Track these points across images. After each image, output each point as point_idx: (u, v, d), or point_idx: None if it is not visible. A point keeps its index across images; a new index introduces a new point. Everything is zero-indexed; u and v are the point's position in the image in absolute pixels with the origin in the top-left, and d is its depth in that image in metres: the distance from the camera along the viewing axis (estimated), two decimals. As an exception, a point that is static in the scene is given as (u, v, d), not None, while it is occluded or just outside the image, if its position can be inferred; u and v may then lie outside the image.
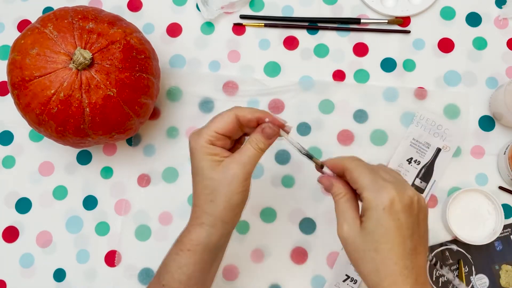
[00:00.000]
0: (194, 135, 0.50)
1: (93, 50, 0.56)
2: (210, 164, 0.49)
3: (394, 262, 0.43)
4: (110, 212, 0.68)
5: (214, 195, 0.48)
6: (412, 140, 0.68)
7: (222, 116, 0.50)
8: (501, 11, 0.72)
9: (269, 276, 0.66)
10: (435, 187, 0.67)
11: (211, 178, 0.48)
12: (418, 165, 0.67)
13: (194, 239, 0.49)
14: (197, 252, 0.49)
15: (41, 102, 0.55)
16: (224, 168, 0.48)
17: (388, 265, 0.44)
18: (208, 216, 0.49)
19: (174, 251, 0.51)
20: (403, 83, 0.70)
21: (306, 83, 0.71)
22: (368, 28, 0.72)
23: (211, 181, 0.48)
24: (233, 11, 0.73)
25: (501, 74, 0.70)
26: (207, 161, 0.49)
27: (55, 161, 0.70)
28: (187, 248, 0.50)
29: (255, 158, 0.49)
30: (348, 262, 0.65)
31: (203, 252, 0.49)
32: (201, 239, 0.49)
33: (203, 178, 0.49)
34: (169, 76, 0.72)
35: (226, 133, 0.50)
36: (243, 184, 0.48)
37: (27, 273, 0.67)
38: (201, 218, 0.49)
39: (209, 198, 0.48)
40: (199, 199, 0.49)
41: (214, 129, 0.49)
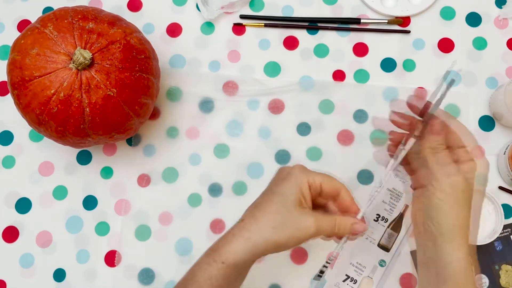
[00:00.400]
0: (303, 169, 0.51)
1: (93, 50, 0.56)
2: (296, 201, 0.49)
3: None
4: (110, 212, 0.68)
5: (280, 227, 0.48)
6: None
7: (333, 181, 0.52)
8: (501, 11, 0.72)
9: (269, 276, 0.66)
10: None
11: (289, 213, 0.48)
12: None
13: (233, 251, 0.48)
14: (230, 266, 0.48)
15: (41, 102, 0.55)
16: (303, 216, 0.49)
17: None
18: (259, 237, 0.48)
19: (206, 261, 0.49)
20: (403, 83, 0.70)
21: (306, 83, 0.71)
22: (368, 28, 0.72)
23: (287, 215, 0.48)
24: (233, 11, 0.73)
25: (501, 74, 0.70)
26: (296, 197, 0.49)
27: (55, 161, 0.70)
28: (222, 260, 0.48)
29: (329, 232, 0.50)
30: (349, 262, 0.65)
31: (236, 267, 0.48)
32: (240, 253, 0.48)
33: (282, 207, 0.48)
34: (169, 76, 0.72)
35: (329, 195, 0.52)
36: (304, 240, 0.49)
37: (27, 273, 0.67)
38: (251, 233, 0.48)
39: (273, 224, 0.48)
40: (262, 217, 0.48)
41: (322, 184, 0.51)
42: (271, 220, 0.48)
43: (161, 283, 0.66)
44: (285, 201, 0.49)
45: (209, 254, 0.49)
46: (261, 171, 0.68)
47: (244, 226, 0.48)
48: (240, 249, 0.47)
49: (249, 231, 0.48)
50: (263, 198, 0.50)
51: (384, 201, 0.66)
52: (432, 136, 0.47)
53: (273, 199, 0.49)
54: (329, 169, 0.67)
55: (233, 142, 0.70)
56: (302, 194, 0.50)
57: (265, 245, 0.48)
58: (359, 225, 0.51)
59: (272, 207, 0.49)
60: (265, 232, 0.48)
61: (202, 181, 0.69)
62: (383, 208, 0.66)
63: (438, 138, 0.47)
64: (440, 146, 0.47)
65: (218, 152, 0.69)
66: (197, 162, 0.69)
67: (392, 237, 0.65)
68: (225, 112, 0.70)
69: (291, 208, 0.49)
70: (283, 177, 0.51)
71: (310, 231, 0.49)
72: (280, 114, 0.70)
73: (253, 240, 0.47)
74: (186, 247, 0.67)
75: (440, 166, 0.47)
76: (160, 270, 0.66)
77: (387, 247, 0.65)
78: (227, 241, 0.48)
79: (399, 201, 0.66)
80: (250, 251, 0.48)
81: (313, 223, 0.49)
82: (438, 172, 0.46)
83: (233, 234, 0.48)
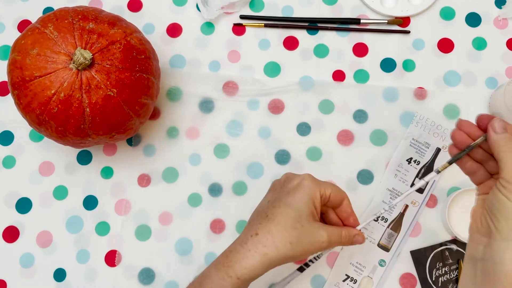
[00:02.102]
0: (313, 179, 0.52)
1: (93, 50, 0.56)
2: (310, 215, 0.50)
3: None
4: (110, 212, 0.68)
5: (296, 242, 0.49)
6: (412, 140, 0.68)
7: (339, 190, 0.53)
8: (501, 11, 0.72)
9: (269, 276, 0.66)
10: (435, 187, 0.67)
11: (304, 227, 0.49)
12: (418, 165, 0.67)
13: (249, 268, 0.48)
14: (245, 281, 0.48)
15: (41, 102, 0.55)
16: (317, 230, 0.50)
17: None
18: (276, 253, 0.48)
19: (220, 276, 0.48)
20: (403, 83, 0.70)
21: (306, 83, 0.71)
22: (368, 28, 0.72)
23: (303, 230, 0.49)
24: (233, 11, 0.73)
25: (500, 74, 0.70)
26: (310, 210, 0.50)
27: (55, 161, 0.70)
28: (237, 276, 0.48)
29: (336, 245, 0.52)
30: (348, 261, 0.65)
31: (249, 281, 0.48)
32: (256, 270, 0.48)
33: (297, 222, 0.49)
34: (169, 76, 0.72)
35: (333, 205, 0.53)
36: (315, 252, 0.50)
37: (27, 273, 0.67)
38: (267, 248, 0.48)
39: (290, 240, 0.48)
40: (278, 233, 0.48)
41: (331, 194, 0.52)
42: (288, 236, 0.48)
43: (161, 283, 0.66)
44: (300, 215, 0.50)
45: (222, 269, 0.49)
46: (261, 171, 0.68)
47: (260, 241, 0.49)
48: (256, 266, 0.48)
49: (266, 247, 0.48)
50: (276, 211, 0.50)
51: (384, 201, 0.66)
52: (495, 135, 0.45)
53: (287, 212, 0.50)
54: (329, 169, 0.68)
55: (233, 142, 0.70)
56: (314, 206, 0.51)
57: (280, 259, 0.49)
58: (360, 236, 0.54)
59: (288, 221, 0.49)
60: (282, 248, 0.48)
61: (202, 181, 0.69)
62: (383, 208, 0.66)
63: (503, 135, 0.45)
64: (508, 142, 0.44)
65: (218, 152, 0.69)
66: (197, 162, 0.69)
67: (392, 237, 0.65)
68: (225, 112, 0.70)
69: (306, 222, 0.50)
70: (294, 188, 0.51)
71: (324, 245, 0.50)
72: (280, 114, 0.70)
73: (270, 256, 0.48)
74: (186, 247, 0.67)
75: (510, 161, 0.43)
76: (160, 270, 0.67)
77: (387, 247, 0.65)
78: (243, 257, 0.48)
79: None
80: (266, 266, 0.48)
81: (326, 237, 0.50)
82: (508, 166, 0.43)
83: (249, 250, 0.48)
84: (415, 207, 0.66)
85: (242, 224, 0.67)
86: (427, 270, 0.64)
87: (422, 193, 0.66)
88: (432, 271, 0.64)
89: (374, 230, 0.66)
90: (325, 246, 0.50)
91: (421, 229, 0.66)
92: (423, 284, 0.64)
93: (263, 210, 0.52)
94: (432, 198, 0.67)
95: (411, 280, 0.65)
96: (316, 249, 0.50)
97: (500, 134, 0.45)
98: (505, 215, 0.43)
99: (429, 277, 0.64)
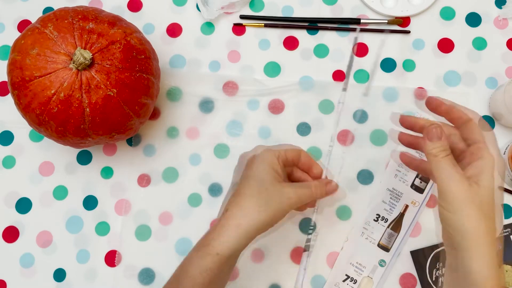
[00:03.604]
0: (266, 147, 0.54)
1: (93, 50, 0.56)
2: (272, 178, 0.52)
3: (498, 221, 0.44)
4: (110, 212, 0.68)
5: (264, 205, 0.50)
6: None
7: (293, 147, 0.56)
8: (501, 11, 0.72)
9: (269, 276, 0.66)
10: (435, 187, 0.67)
11: (269, 191, 0.51)
12: None
13: (226, 241, 0.49)
14: (224, 256, 0.49)
15: (41, 102, 0.55)
16: (282, 188, 0.52)
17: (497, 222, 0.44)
18: (248, 220, 0.49)
19: (199, 255, 0.49)
20: (403, 83, 0.70)
21: (306, 83, 0.71)
22: (368, 28, 0.72)
23: (268, 193, 0.51)
24: (233, 11, 0.73)
25: (500, 74, 0.70)
26: (271, 175, 0.52)
27: (55, 161, 0.70)
28: (216, 251, 0.48)
29: (308, 198, 0.54)
30: (348, 262, 0.65)
31: (230, 256, 0.49)
32: (233, 242, 0.49)
33: (261, 187, 0.51)
34: (169, 76, 0.72)
35: (293, 162, 0.55)
36: (288, 211, 0.52)
37: (27, 273, 0.67)
38: (239, 219, 0.49)
39: (257, 205, 0.50)
40: (246, 202, 0.50)
41: (286, 153, 0.55)
42: (255, 202, 0.50)
43: (161, 283, 0.66)
44: (262, 182, 0.51)
45: (200, 249, 0.50)
46: (261, 171, 0.68)
47: (231, 215, 0.50)
48: (232, 237, 0.49)
49: (237, 218, 0.50)
50: (240, 186, 0.52)
51: (384, 201, 0.66)
52: (430, 143, 0.46)
53: (250, 183, 0.52)
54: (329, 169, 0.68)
55: (233, 142, 0.70)
56: (274, 169, 0.53)
57: (255, 227, 0.50)
58: (332, 184, 0.56)
59: (253, 191, 0.51)
60: (253, 215, 0.50)
61: (202, 181, 0.69)
62: (383, 208, 0.66)
63: (438, 144, 0.45)
64: (442, 152, 0.45)
65: (218, 152, 0.69)
66: (197, 162, 0.69)
67: (392, 237, 0.65)
68: (225, 112, 0.70)
69: (269, 185, 0.51)
70: (251, 161, 0.54)
71: (292, 201, 0.52)
72: (280, 114, 0.70)
73: (244, 226, 0.49)
74: (186, 247, 0.67)
75: (443, 175, 0.44)
76: (160, 270, 0.67)
77: (387, 247, 0.65)
78: (218, 233, 0.49)
79: (399, 201, 0.66)
80: (242, 237, 0.49)
81: (293, 193, 0.52)
82: (441, 182, 0.44)
83: (222, 225, 0.50)
84: (415, 207, 0.66)
85: (242, 224, 0.67)
86: (427, 270, 0.64)
87: (422, 193, 0.66)
88: (432, 271, 0.64)
89: (374, 230, 0.66)
90: (295, 200, 0.52)
91: (421, 229, 0.66)
92: (423, 284, 0.64)
93: (230, 190, 0.55)
94: (432, 198, 0.67)
95: (411, 280, 0.65)
96: (287, 206, 0.51)
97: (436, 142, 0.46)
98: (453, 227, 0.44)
99: (429, 277, 0.64)
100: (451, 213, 0.44)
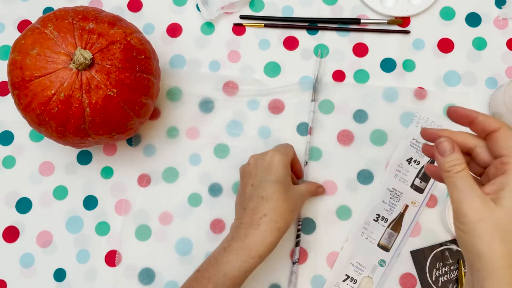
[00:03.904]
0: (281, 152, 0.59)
1: (93, 50, 0.56)
2: (289, 180, 0.59)
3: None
4: (110, 212, 0.68)
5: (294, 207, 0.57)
6: (412, 140, 0.68)
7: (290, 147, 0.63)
8: (501, 11, 0.72)
9: (269, 276, 0.66)
10: (435, 187, 0.67)
11: (292, 194, 0.58)
12: (418, 165, 0.67)
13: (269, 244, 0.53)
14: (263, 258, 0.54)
15: (41, 102, 0.55)
16: (298, 188, 0.60)
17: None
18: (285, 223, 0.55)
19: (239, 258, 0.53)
20: (403, 83, 0.70)
21: (306, 83, 0.71)
22: (368, 28, 0.72)
23: (292, 196, 0.57)
24: (233, 11, 0.73)
25: (500, 74, 0.70)
26: (289, 177, 0.59)
27: (55, 161, 0.70)
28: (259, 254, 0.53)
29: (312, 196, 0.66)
30: (348, 262, 0.65)
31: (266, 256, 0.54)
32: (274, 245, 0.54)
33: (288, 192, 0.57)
34: (169, 76, 0.72)
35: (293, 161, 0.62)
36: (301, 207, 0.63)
37: (27, 273, 0.67)
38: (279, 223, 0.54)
39: (291, 208, 0.56)
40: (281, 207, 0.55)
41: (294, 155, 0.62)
42: (288, 206, 0.56)
43: (161, 283, 0.66)
44: (286, 185, 0.57)
45: (242, 253, 0.53)
46: (261, 171, 0.68)
47: (271, 219, 0.54)
48: (274, 241, 0.54)
49: (278, 222, 0.54)
50: (268, 191, 0.56)
51: (384, 201, 0.67)
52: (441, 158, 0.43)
53: (278, 188, 0.56)
54: (329, 169, 0.68)
55: (233, 142, 0.70)
56: (289, 172, 0.60)
57: (287, 228, 0.56)
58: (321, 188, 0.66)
59: (282, 195, 0.56)
60: (288, 218, 0.55)
61: (202, 181, 0.69)
62: (383, 208, 0.66)
63: (449, 158, 0.42)
64: (454, 167, 0.42)
65: (218, 152, 0.69)
66: (197, 162, 0.69)
67: (392, 237, 0.65)
68: (225, 112, 0.70)
69: (291, 188, 0.58)
70: (269, 165, 0.58)
71: (305, 198, 0.62)
72: (280, 114, 0.70)
73: (282, 229, 0.55)
74: (186, 247, 0.67)
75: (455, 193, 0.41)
76: (160, 270, 0.67)
77: (387, 247, 0.65)
78: (262, 238, 0.53)
79: (398, 201, 0.66)
80: (279, 239, 0.55)
81: (305, 191, 0.62)
82: (453, 200, 0.41)
83: (265, 230, 0.54)
84: (415, 207, 0.66)
85: (242, 224, 0.67)
86: (427, 270, 0.64)
87: (422, 193, 0.66)
88: (432, 271, 0.64)
89: (374, 230, 0.66)
90: (306, 198, 0.62)
91: (421, 229, 0.66)
92: (423, 284, 0.64)
93: (252, 194, 0.57)
94: (432, 198, 0.67)
95: (411, 280, 0.65)
96: (303, 204, 0.63)
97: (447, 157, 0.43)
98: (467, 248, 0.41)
99: (429, 277, 0.64)
100: (464, 234, 0.41)
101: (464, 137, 0.45)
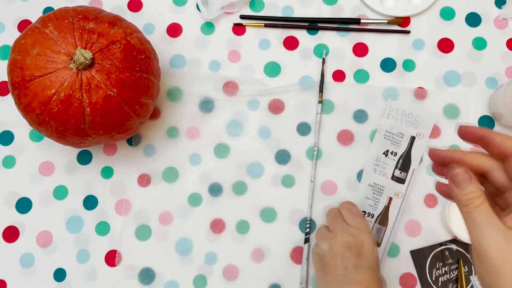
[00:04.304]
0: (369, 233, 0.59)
1: (93, 50, 0.56)
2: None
3: None
4: (110, 212, 0.68)
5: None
6: (385, 132, 0.68)
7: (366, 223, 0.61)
8: (501, 11, 0.72)
9: (269, 276, 0.66)
10: (415, 177, 0.67)
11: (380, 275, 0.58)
12: (395, 156, 0.67)
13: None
14: None
15: (41, 102, 0.55)
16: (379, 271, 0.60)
17: None
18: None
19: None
20: (403, 83, 0.70)
21: (306, 83, 0.71)
22: (368, 28, 0.72)
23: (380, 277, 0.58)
24: (233, 11, 0.73)
25: (500, 74, 0.70)
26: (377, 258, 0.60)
27: (55, 161, 0.70)
28: None
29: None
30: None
31: None
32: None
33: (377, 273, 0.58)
34: (169, 76, 0.72)
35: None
36: None
37: (27, 273, 0.67)
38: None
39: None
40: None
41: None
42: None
43: (161, 283, 0.66)
44: (377, 270, 0.57)
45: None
46: (261, 171, 0.68)
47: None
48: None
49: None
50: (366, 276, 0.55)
51: (367, 197, 0.66)
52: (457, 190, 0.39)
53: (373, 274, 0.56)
54: (329, 169, 0.68)
55: (233, 142, 0.70)
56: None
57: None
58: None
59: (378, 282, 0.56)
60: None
61: (202, 181, 0.69)
62: (368, 204, 0.66)
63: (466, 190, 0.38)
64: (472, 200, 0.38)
65: (218, 152, 0.69)
66: (197, 162, 0.69)
67: (380, 231, 0.66)
68: (225, 112, 0.70)
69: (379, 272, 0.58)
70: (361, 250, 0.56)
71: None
72: (280, 114, 0.70)
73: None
74: (186, 247, 0.67)
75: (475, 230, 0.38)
76: (160, 270, 0.67)
77: (377, 242, 0.65)
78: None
79: (381, 194, 0.66)
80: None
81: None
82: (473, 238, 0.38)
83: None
84: (399, 198, 0.66)
85: (242, 224, 0.67)
86: (427, 270, 0.64)
87: (403, 183, 0.66)
88: (432, 271, 0.65)
89: (374, 230, 0.66)
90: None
91: (421, 229, 0.66)
92: (423, 284, 0.64)
93: (347, 277, 0.55)
94: (432, 198, 0.67)
95: (411, 280, 0.65)
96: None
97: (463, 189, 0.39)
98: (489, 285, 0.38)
99: (429, 277, 0.64)
100: (485, 273, 0.37)
101: (478, 159, 0.41)
